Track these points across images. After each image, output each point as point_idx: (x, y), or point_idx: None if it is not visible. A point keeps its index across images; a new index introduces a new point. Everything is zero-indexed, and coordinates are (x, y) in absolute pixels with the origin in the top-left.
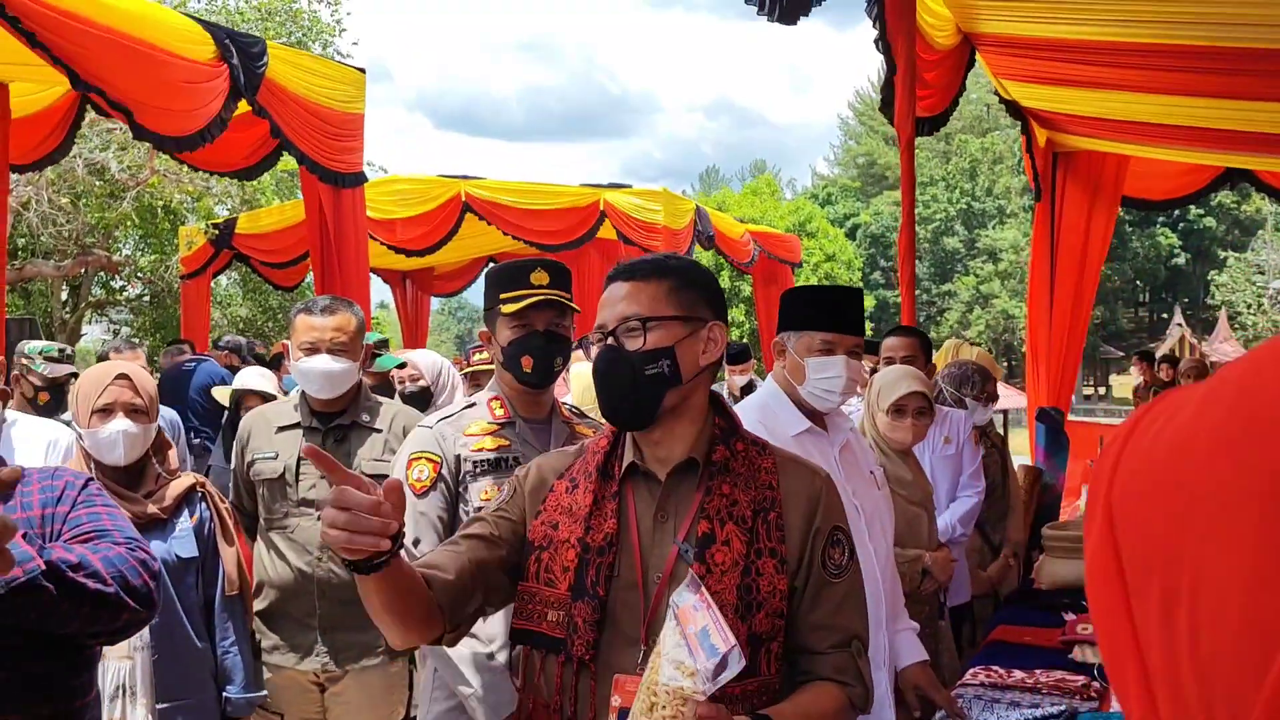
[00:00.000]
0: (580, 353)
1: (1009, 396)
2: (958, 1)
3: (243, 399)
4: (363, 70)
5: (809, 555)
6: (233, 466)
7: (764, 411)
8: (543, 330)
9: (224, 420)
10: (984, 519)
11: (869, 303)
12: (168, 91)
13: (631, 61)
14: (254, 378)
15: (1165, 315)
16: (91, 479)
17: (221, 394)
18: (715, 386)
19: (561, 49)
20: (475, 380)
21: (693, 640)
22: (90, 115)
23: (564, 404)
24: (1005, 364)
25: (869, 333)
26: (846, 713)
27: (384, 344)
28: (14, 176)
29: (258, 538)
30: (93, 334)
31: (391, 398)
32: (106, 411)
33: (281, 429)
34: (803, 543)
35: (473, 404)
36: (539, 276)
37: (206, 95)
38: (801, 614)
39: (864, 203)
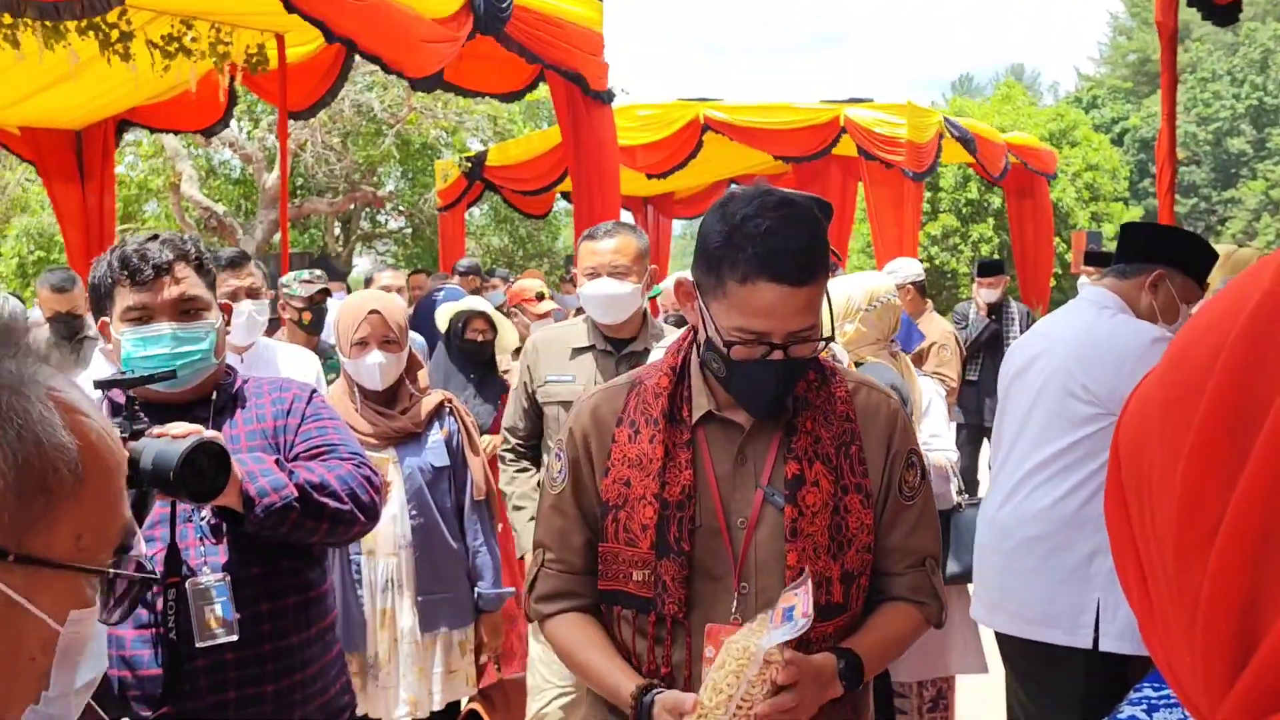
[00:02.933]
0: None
1: None
2: None
3: (468, 321)
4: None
5: (886, 482)
6: (514, 385)
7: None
8: None
9: (445, 342)
10: None
11: (1137, 212)
12: (411, 44)
13: None
14: (479, 300)
15: None
16: (315, 391)
17: (442, 316)
18: (961, 306)
19: None
20: None
21: (777, 613)
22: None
23: None
24: None
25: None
26: (921, 629)
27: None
28: (292, 121)
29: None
30: (362, 265)
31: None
32: (363, 344)
33: (577, 352)
34: (882, 471)
35: None
36: None
37: (446, 44)
38: (879, 538)
39: (1135, 104)
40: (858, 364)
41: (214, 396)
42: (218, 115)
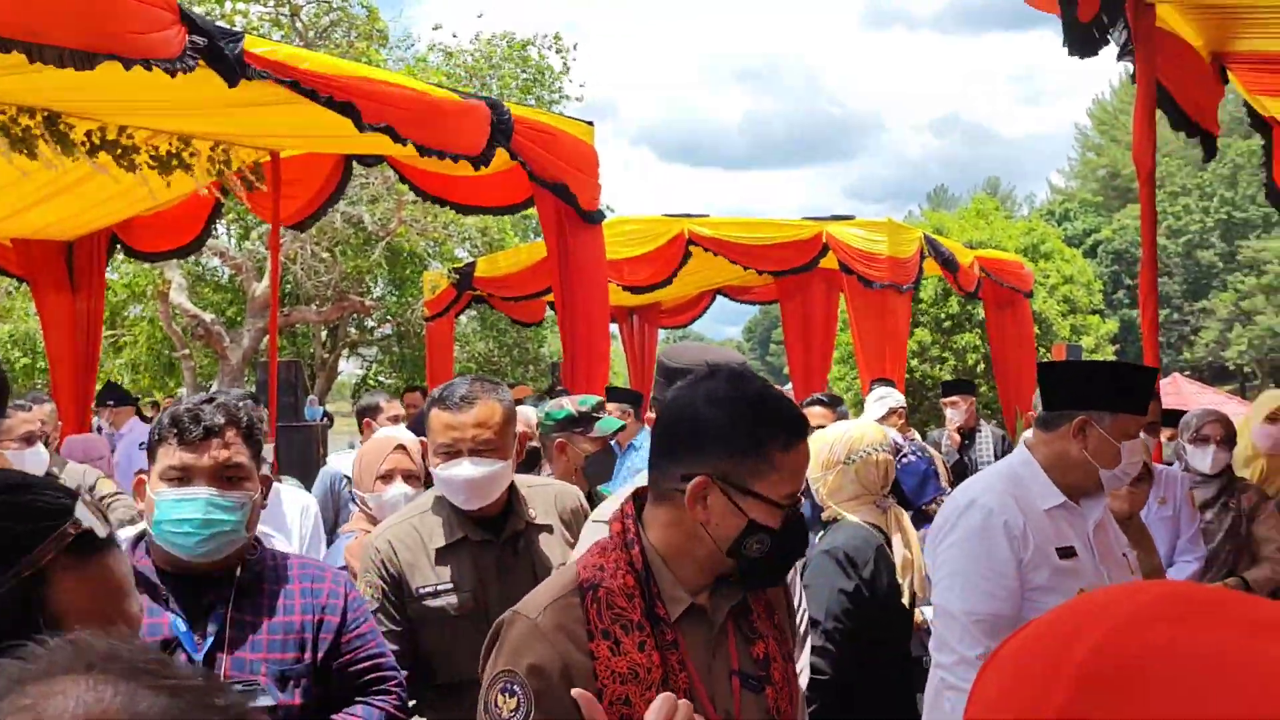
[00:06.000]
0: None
1: None
2: (1206, 25)
3: None
4: (590, 123)
5: (795, 631)
6: (373, 608)
7: (1014, 481)
8: None
9: None
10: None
11: (1113, 325)
12: (442, 127)
13: (853, 83)
14: None
15: None
16: (349, 580)
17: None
18: (935, 433)
19: (782, 76)
20: None
21: None
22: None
23: None
24: (1274, 386)
25: (1112, 357)
26: None
27: (600, 406)
28: (283, 233)
29: None
30: (348, 370)
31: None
32: (388, 477)
33: (444, 552)
34: (794, 622)
35: None
36: None
37: (475, 129)
38: None
39: (1105, 217)
40: (832, 520)
41: (239, 572)
42: (197, 232)
